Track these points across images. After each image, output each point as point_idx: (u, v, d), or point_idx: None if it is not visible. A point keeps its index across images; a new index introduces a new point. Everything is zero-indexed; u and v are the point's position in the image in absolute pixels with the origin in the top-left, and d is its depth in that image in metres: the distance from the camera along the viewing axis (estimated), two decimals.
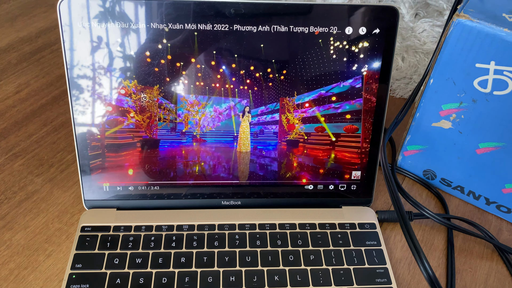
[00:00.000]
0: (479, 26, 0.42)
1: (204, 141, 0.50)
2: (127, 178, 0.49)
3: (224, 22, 0.44)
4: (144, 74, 0.45)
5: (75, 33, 0.43)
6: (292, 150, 0.51)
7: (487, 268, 0.48)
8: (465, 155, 0.50)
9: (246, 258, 0.46)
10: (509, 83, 0.43)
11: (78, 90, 0.45)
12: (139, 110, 0.47)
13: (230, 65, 0.46)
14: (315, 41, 0.45)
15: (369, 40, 0.45)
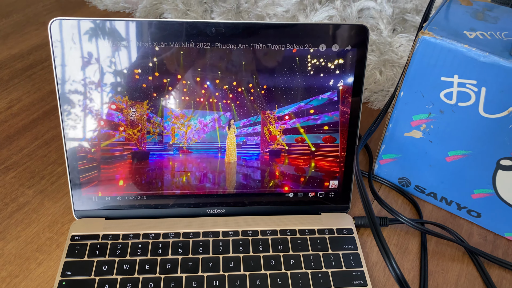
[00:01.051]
0: (442, 43, 0.45)
1: (190, 153, 0.52)
2: (115, 189, 0.51)
3: (207, 40, 0.47)
4: (133, 90, 0.48)
5: (65, 51, 0.46)
6: (274, 160, 0.53)
7: (458, 269, 0.51)
8: (436, 163, 0.53)
9: (229, 263, 0.48)
10: (471, 95, 0.46)
11: (68, 105, 0.47)
12: (130, 124, 0.49)
13: (213, 80, 0.49)
14: (292, 58, 0.48)
15: (342, 56, 0.49)
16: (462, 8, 0.50)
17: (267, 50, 0.48)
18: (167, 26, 0.46)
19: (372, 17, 0.87)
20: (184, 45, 0.47)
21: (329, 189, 0.54)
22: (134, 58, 0.47)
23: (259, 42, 0.47)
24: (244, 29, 0.47)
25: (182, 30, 0.46)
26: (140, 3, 0.92)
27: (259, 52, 0.48)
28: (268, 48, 0.48)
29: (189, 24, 0.46)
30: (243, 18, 0.88)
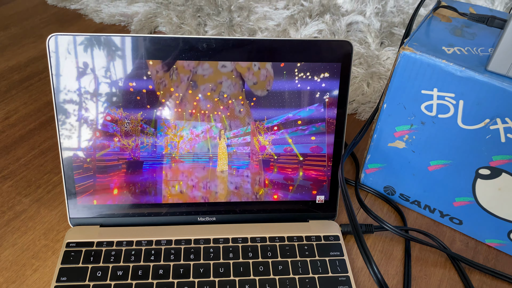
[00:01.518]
0: (422, 58, 0.47)
1: (182, 162, 0.54)
2: (110, 197, 0.53)
3: (198, 55, 0.49)
4: (127, 102, 0.50)
5: (62, 64, 0.48)
6: (263, 169, 0.55)
7: (441, 275, 0.53)
8: (419, 172, 0.56)
9: (220, 269, 0.50)
10: (450, 108, 0.48)
11: (64, 116, 0.49)
12: (124, 135, 0.51)
13: (205, 92, 0.51)
14: (280, 71, 0.51)
15: (328, 70, 0.51)
16: (442, 25, 0.53)
17: (255, 64, 0.50)
18: (160, 41, 0.48)
19: (361, 31, 0.90)
20: (177, 60, 0.49)
21: (317, 198, 0.56)
22: (128, 72, 0.49)
23: (248, 56, 0.50)
24: (233, 44, 0.49)
25: (174, 45, 0.48)
26: (135, 16, 0.95)
27: (248, 66, 0.50)
28: (257, 62, 0.50)
29: (181, 40, 0.48)
30: (235, 31, 0.91)
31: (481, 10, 0.55)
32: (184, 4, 0.99)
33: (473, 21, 0.51)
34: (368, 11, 0.95)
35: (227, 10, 0.97)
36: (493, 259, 0.55)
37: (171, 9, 0.97)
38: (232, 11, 0.97)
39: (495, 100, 0.45)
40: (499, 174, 0.50)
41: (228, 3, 0.99)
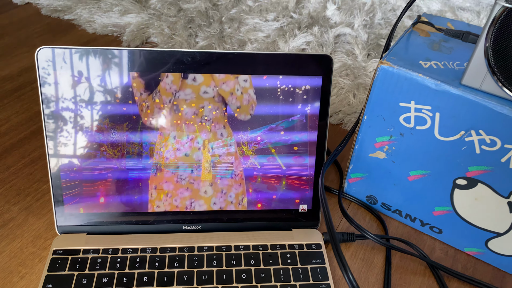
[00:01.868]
0: (399, 71, 0.49)
1: (167, 171, 0.55)
2: (96, 206, 0.54)
3: (183, 68, 0.50)
4: (113, 113, 0.51)
5: (50, 76, 0.49)
6: (247, 179, 0.57)
7: (420, 282, 0.54)
8: (399, 182, 0.57)
9: (203, 276, 0.51)
10: (427, 120, 0.50)
11: (52, 126, 0.51)
12: (110, 145, 0.53)
13: (190, 104, 0.53)
14: (263, 83, 0.52)
15: (309, 83, 0.52)
16: (420, 39, 0.55)
17: (239, 77, 0.51)
18: (146, 54, 0.49)
19: (348, 43, 0.91)
20: (162, 72, 0.50)
21: (300, 207, 0.57)
22: (115, 83, 0.50)
23: (232, 69, 0.51)
24: (217, 57, 0.50)
25: (159, 58, 0.50)
26: (128, 27, 0.96)
27: (232, 78, 0.52)
28: (240, 75, 0.51)
29: (167, 53, 0.50)
30: (226, 42, 0.93)
31: (459, 26, 0.57)
32: (176, 16, 1.01)
33: (449, 36, 0.53)
34: (356, 23, 0.97)
35: (218, 22, 0.99)
36: (471, 267, 0.57)
37: (163, 20, 0.98)
38: (223, 22, 0.99)
39: (469, 113, 0.47)
40: (475, 184, 0.51)
41: (219, 14, 1.01)
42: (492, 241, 0.55)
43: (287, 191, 0.57)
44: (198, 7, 1.03)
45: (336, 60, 0.87)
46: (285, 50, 0.89)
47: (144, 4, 1.05)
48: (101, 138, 0.52)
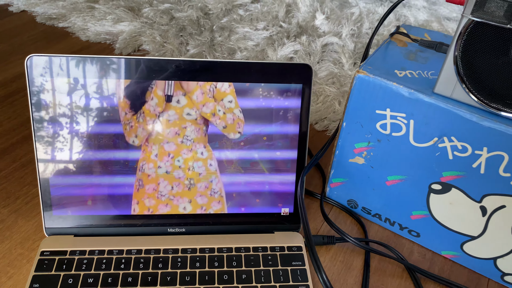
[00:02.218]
0: (375, 80, 0.51)
1: (153, 175, 0.57)
2: (84, 208, 0.56)
3: (168, 76, 0.52)
4: (100, 118, 0.53)
5: (39, 83, 0.51)
6: (231, 183, 0.58)
7: (397, 284, 0.56)
8: (378, 186, 0.59)
9: (186, 277, 0.53)
10: (402, 126, 0.52)
11: (41, 132, 0.52)
12: (97, 149, 0.54)
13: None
14: (246, 91, 0.54)
15: (290, 91, 0.54)
16: (398, 49, 0.57)
17: (223, 85, 0.53)
18: (133, 62, 0.51)
19: (336, 52, 0.94)
20: (149, 79, 0.52)
21: (282, 210, 0.59)
22: (102, 91, 0.52)
23: (215, 77, 0.53)
24: (201, 66, 0.52)
25: (147, 66, 0.52)
26: (120, 35, 0.98)
27: (216, 87, 0.54)
28: (224, 83, 0.53)
29: (154, 62, 0.52)
30: (216, 51, 0.95)
31: (435, 36, 0.59)
32: (168, 24, 1.03)
33: (423, 46, 0.55)
34: (344, 33, 0.99)
35: (209, 30, 1.01)
36: (448, 270, 0.58)
37: (155, 28, 1.01)
38: (214, 31, 1.01)
39: (442, 120, 0.49)
40: (449, 189, 0.53)
41: (210, 23, 1.04)
42: (467, 244, 0.57)
43: (269, 195, 0.59)
44: (190, 16, 1.05)
45: (323, 68, 0.89)
46: (273, 58, 0.91)
47: (137, 12, 1.07)
48: (88, 143, 0.54)
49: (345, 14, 1.05)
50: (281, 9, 1.07)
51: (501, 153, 0.48)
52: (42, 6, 1.09)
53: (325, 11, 1.07)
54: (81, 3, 1.10)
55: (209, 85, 0.54)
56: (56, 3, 1.10)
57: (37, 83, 0.51)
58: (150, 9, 1.07)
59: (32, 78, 0.51)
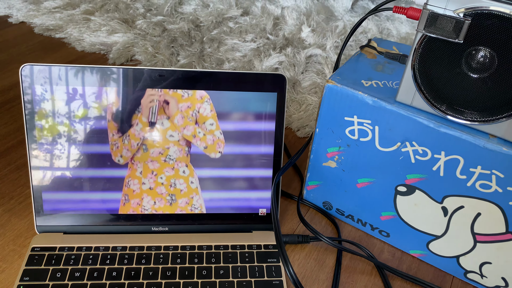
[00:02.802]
0: (342, 89, 0.55)
1: (138, 178, 0.61)
2: (73, 208, 0.60)
3: (152, 84, 0.57)
4: (88, 125, 0.57)
5: (32, 91, 0.55)
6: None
7: (366, 281, 0.60)
8: (350, 189, 0.63)
9: (167, 272, 0.57)
10: (368, 132, 0.56)
11: (33, 137, 0.57)
12: (85, 153, 0.58)
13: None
14: (225, 99, 0.58)
15: (266, 99, 0.59)
16: (367, 61, 0.61)
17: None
18: (118, 71, 0.56)
19: (319, 63, 0.98)
20: (134, 89, 0.57)
21: (260, 211, 0.63)
22: (90, 98, 0.56)
23: (196, 85, 0.57)
24: (182, 74, 0.57)
25: (132, 76, 0.56)
26: (114, 45, 1.03)
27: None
28: (205, 91, 0.58)
29: (138, 71, 0.56)
30: (205, 61, 0.99)
31: (402, 49, 0.64)
32: (160, 35, 1.07)
33: (388, 59, 0.60)
34: (328, 45, 1.04)
35: (199, 42, 1.06)
36: (415, 268, 0.62)
37: (147, 39, 1.05)
38: (204, 42, 1.06)
39: (403, 126, 0.53)
40: (414, 191, 0.57)
41: (201, 35, 1.08)
42: (432, 243, 0.60)
43: (248, 197, 0.62)
44: (182, 28, 1.10)
45: (307, 78, 0.93)
46: (259, 68, 0.95)
47: (130, 24, 1.12)
48: (78, 148, 0.58)
49: (330, 27, 1.10)
50: (269, 22, 1.11)
51: (457, 157, 0.52)
52: (40, 18, 1.14)
53: (311, 24, 1.12)
54: (78, 15, 1.15)
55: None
56: (54, 15, 1.15)
57: (31, 91, 0.55)
58: (143, 21, 1.12)
59: (26, 86, 0.55)
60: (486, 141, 0.49)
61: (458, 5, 0.45)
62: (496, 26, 0.44)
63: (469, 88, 0.48)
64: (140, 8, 1.19)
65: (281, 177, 0.62)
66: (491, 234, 0.55)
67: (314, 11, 1.17)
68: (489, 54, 0.46)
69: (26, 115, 0.56)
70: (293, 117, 0.85)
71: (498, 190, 0.51)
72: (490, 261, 0.57)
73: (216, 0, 1.21)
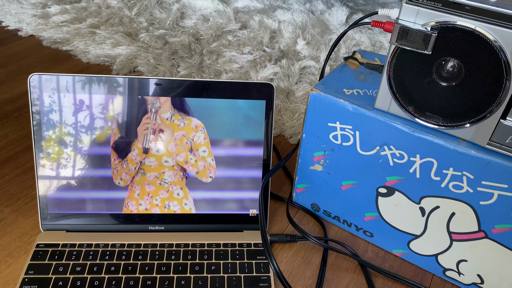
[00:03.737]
0: (325, 97, 0.60)
1: (137, 183, 0.65)
2: (75, 208, 0.64)
3: (149, 93, 0.61)
4: (92, 131, 0.62)
5: (40, 99, 0.60)
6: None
7: (349, 278, 0.63)
8: (335, 191, 0.67)
9: (162, 268, 0.60)
10: (350, 137, 0.60)
11: (39, 143, 0.61)
12: (88, 157, 0.63)
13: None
14: (216, 107, 0.63)
15: (255, 106, 0.63)
16: (350, 71, 0.66)
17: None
18: (122, 81, 0.60)
19: (312, 74, 1.03)
20: (132, 98, 0.61)
21: (250, 211, 0.67)
22: (95, 106, 0.61)
23: (190, 93, 0.62)
24: (178, 84, 0.61)
25: (133, 84, 0.61)
26: (118, 57, 1.08)
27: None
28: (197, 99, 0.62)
29: (137, 80, 0.61)
30: (204, 72, 1.04)
31: (384, 60, 0.68)
32: (162, 48, 1.13)
33: (369, 69, 0.64)
34: (322, 57, 1.08)
35: (199, 54, 1.11)
36: (397, 266, 0.65)
37: (150, 51, 1.10)
38: (203, 54, 1.11)
39: (381, 131, 0.57)
40: (393, 192, 0.61)
41: (200, 47, 1.14)
42: (413, 243, 0.64)
43: (240, 199, 0.66)
44: (182, 41, 1.15)
45: (300, 88, 0.98)
46: (254, 79, 1.00)
47: (134, 37, 1.17)
48: (81, 152, 0.63)
49: (324, 40, 1.15)
50: (266, 35, 1.17)
51: (431, 159, 0.56)
52: (48, 31, 1.20)
53: (307, 37, 1.16)
54: (84, 28, 1.21)
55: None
56: (61, 29, 1.21)
57: (39, 99, 0.60)
58: (146, 34, 1.17)
59: (33, 95, 0.60)
60: (456, 145, 0.53)
61: (426, 20, 0.49)
62: (461, 39, 0.48)
63: (439, 95, 0.52)
64: (143, 22, 1.25)
65: (270, 179, 0.66)
66: (465, 232, 0.58)
67: (310, 24, 1.22)
68: (456, 64, 0.50)
69: (34, 122, 0.60)
70: (286, 125, 0.90)
71: (469, 190, 0.55)
72: (466, 259, 0.60)
73: (216, 15, 1.27)
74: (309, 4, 1.40)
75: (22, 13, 1.29)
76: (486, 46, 0.46)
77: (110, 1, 1.34)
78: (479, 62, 0.47)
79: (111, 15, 1.27)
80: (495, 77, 0.47)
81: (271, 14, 1.30)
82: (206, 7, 1.33)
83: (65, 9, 1.30)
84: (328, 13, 1.32)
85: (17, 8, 1.31)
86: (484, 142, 0.52)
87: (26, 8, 1.31)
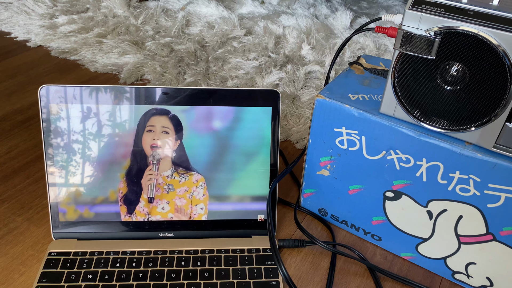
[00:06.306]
0: (331, 103, 0.60)
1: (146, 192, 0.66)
2: (86, 217, 0.65)
3: (156, 102, 0.62)
4: (102, 141, 0.63)
5: (49, 110, 0.61)
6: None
7: (358, 282, 0.63)
8: (342, 195, 0.67)
9: (172, 274, 0.61)
10: (356, 142, 0.61)
11: (50, 153, 0.62)
12: (99, 168, 0.64)
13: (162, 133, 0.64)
14: (222, 114, 0.64)
15: (261, 113, 0.64)
16: (355, 76, 0.66)
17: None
18: (129, 90, 0.61)
19: (318, 78, 1.03)
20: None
21: (258, 217, 0.67)
22: (104, 116, 0.62)
23: (196, 102, 0.63)
24: (184, 92, 0.62)
25: (139, 94, 0.62)
26: (125, 66, 1.10)
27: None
28: (204, 107, 0.63)
29: (144, 90, 0.62)
30: (210, 79, 1.05)
31: (389, 65, 0.68)
32: (168, 56, 1.14)
33: (373, 74, 0.64)
34: (327, 61, 1.09)
35: (205, 61, 1.12)
36: (406, 270, 0.66)
37: (156, 60, 1.12)
38: (209, 61, 1.12)
39: (387, 135, 0.58)
40: (400, 196, 0.61)
41: (206, 54, 1.15)
42: (421, 246, 0.64)
43: (247, 206, 0.67)
44: (188, 48, 1.16)
45: (306, 94, 0.98)
46: (260, 85, 1.01)
47: (140, 46, 1.19)
48: (91, 162, 0.64)
49: (329, 45, 1.15)
50: (271, 40, 1.17)
51: (437, 163, 0.56)
52: (56, 42, 1.22)
53: (311, 42, 1.17)
54: (91, 38, 1.22)
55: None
56: (69, 39, 1.23)
57: (49, 110, 0.61)
58: (152, 42, 1.19)
59: (44, 105, 0.61)
60: (462, 148, 0.53)
61: (429, 25, 0.49)
62: (464, 44, 0.48)
63: (444, 99, 0.52)
64: (149, 30, 1.27)
65: (277, 185, 0.67)
66: (473, 235, 0.58)
67: (314, 29, 1.22)
68: (461, 68, 0.50)
69: (44, 132, 0.61)
70: (293, 130, 0.90)
71: (476, 193, 0.55)
72: (474, 262, 0.60)
73: (221, 21, 1.28)
74: (313, 9, 1.41)
75: (30, 24, 1.31)
76: (489, 51, 0.47)
77: (117, 10, 1.36)
78: (483, 66, 0.48)
79: (118, 24, 1.29)
80: (500, 81, 0.47)
81: (276, 19, 1.31)
82: (211, 14, 1.34)
83: (72, 19, 1.32)
84: (332, 17, 1.33)
85: (25, 19, 1.34)
86: (490, 145, 0.52)
87: (34, 19, 1.33)
